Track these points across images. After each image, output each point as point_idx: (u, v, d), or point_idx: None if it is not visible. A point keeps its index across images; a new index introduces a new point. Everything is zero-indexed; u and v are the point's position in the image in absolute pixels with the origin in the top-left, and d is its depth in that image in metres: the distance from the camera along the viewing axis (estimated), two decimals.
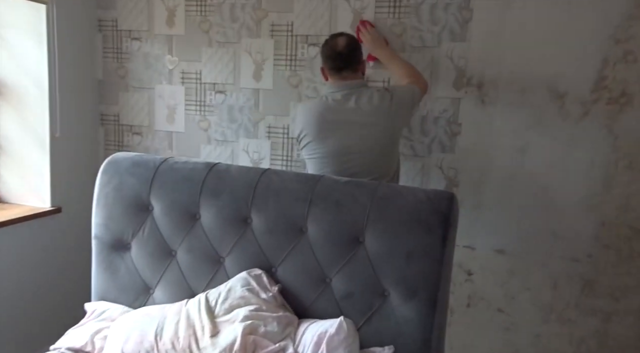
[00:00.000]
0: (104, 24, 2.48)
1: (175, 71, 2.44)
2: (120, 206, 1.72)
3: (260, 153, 2.40)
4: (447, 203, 1.46)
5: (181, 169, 1.71)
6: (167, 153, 2.52)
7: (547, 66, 1.99)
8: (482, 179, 2.13)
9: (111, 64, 2.51)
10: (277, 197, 1.59)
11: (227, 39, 2.35)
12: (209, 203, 1.64)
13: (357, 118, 1.79)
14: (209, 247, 1.65)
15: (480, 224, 2.17)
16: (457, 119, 2.13)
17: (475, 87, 2.08)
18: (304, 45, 2.26)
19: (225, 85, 2.39)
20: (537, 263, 2.11)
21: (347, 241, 1.51)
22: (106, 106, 2.56)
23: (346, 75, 1.84)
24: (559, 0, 1.95)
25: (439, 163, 2.19)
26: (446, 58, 2.11)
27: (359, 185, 1.56)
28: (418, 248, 1.44)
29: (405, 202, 1.48)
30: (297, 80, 2.30)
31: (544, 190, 2.06)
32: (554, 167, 2.03)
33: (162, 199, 1.68)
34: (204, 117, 2.44)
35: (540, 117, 2.02)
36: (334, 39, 1.87)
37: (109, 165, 1.77)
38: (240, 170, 1.68)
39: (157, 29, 2.42)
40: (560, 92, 1.99)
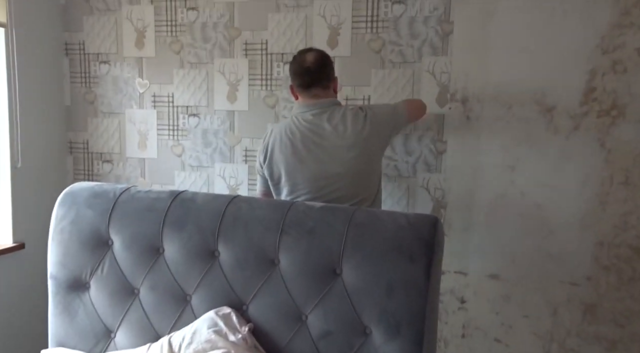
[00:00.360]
0: (71, 48, 2.38)
1: (146, 95, 2.33)
2: (77, 242, 1.58)
3: (237, 178, 2.27)
4: (431, 228, 1.33)
5: (143, 198, 1.58)
6: (139, 181, 2.38)
7: (534, 79, 1.89)
8: (471, 199, 2.01)
9: (79, 89, 2.40)
10: (245, 226, 1.45)
11: (200, 59, 2.24)
12: (172, 235, 1.50)
13: (330, 140, 1.65)
14: (173, 284, 1.50)
15: (472, 248, 2.03)
16: (442, 136, 2.02)
17: (460, 102, 1.98)
18: (279, 63, 2.16)
19: (198, 107, 2.28)
20: (534, 288, 1.97)
21: (323, 273, 1.37)
22: (74, 133, 2.43)
23: (316, 93, 1.70)
24: (543, 10, 1.86)
25: (424, 183, 2.06)
26: (428, 73, 2.01)
27: (334, 211, 1.43)
28: (400, 280, 1.30)
29: (384, 228, 1.35)
30: (273, 100, 2.19)
31: (536, 209, 1.93)
32: (545, 184, 1.91)
33: (122, 232, 1.54)
34: (178, 142, 2.32)
35: (529, 132, 1.91)
36: (302, 55, 1.72)
37: (65, 197, 1.64)
38: (206, 198, 1.55)
39: (127, 51, 2.32)
40: (548, 105, 1.88)
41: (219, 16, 2.19)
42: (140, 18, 2.28)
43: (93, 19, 2.33)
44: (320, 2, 2.08)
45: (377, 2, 2.03)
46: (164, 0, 2.24)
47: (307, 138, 1.66)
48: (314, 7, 2.09)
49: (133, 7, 2.28)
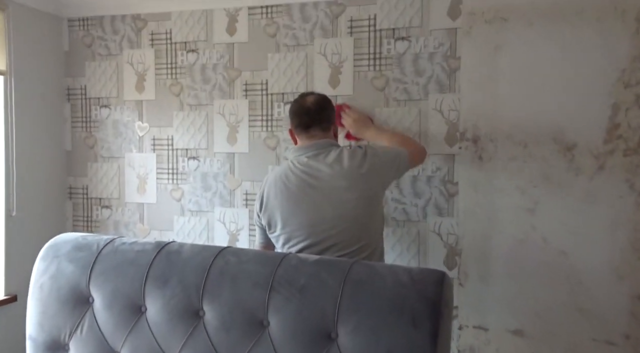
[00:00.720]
0: (73, 93, 2.36)
1: (146, 138, 2.27)
2: (56, 299, 1.46)
3: (238, 223, 2.15)
4: (436, 286, 1.17)
5: (127, 251, 1.47)
6: (137, 227, 2.29)
7: (551, 115, 1.75)
8: (488, 246, 1.84)
9: (80, 134, 2.36)
10: (233, 282, 1.32)
11: (199, 101, 2.18)
12: (155, 292, 1.37)
13: (327, 181, 1.53)
14: (155, 347, 1.36)
15: (492, 299, 1.84)
16: (452, 177, 1.88)
17: (471, 141, 1.84)
18: (279, 103, 2.08)
19: (198, 150, 2.20)
20: (564, 347, 1.76)
21: (317, 338, 1.22)
22: (74, 178, 2.38)
23: (314, 134, 1.60)
24: (556, 42, 1.74)
25: (436, 228, 1.90)
26: (435, 111, 1.89)
27: (329, 265, 1.29)
28: (401, 348, 1.13)
29: (384, 286, 1.20)
30: (274, 141, 2.09)
31: (561, 257, 1.75)
32: (570, 229, 1.73)
33: (102, 289, 1.42)
34: (177, 185, 2.23)
35: (548, 173, 1.75)
36: (303, 97, 1.66)
37: (48, 250, 1.54)
38: (193, 250, 1.43)
39: (127, 94, 2.28)
40: (568, 143, 1.73)
41: (219, 57, 2.14)
42: (141, 61, 2.25)
43: (95, 64, 2.32)
44: (320, 41, 2.01)
45: (379, 39, 1.94)
46: (164, 43, 2.21)
47: (303, 181, 1.55)
48: (314, 46, 2.02)
49: (134, 51, 2.26)
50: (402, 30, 1.92)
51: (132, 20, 2.25)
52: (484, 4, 1.81)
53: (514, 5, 1.78)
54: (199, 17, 2.16)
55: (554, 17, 1.73)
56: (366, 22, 1.96)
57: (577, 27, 1.71)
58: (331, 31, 2.00)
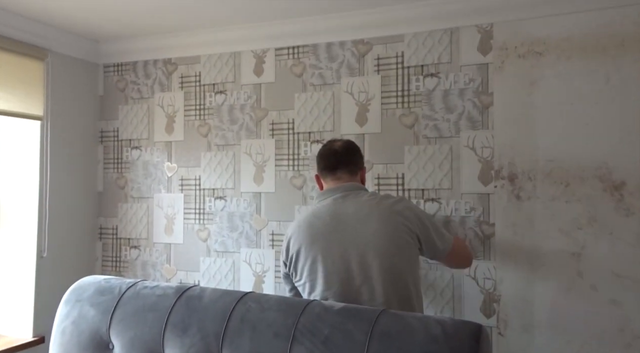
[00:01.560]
0: (106, 135, 2.42)
1: (174, 178, 2.28)
2: (76, 345, 1.43)
3: (264, 264, 2.10)
4: (472, 342, 1.06)
5: (148, 295, 1.43)
6: (164, 268, 2.27)
7: (594, 152, 1.63)
8: (529, 292, 1.70)
9: (111, 175, 2.40)
10: (253, 331, 1.25)
11: (227, 141, 2.18)
12: (174, 340, 1.32)
13: (355, 221, 1.43)
14: None
15: (535, 351, 1.69)
16: (488, 218, 1.77)
17: (507, 180, 1.74)
18: (306, 143, 2.05)
19: (225, 190, 2.18)
20: None
21: None
22: (105, 219, 2.40)
23: (341, 176, 1.53)
24: (593, 76, 1.65)
25: (472, 273, 1.79)
26: (467, 148, 1.81)
27: (354, 314, 1.20)
28: None
29: (413, 340, 1.10)
30: (301, 181, 2.05)
31: (613, 307, 1.59)
32: (622, 276, 1.58)
33: (122, 335, 1.38)
34: (204, 225, 2.21)
35: (594, 214, 1.62)
36: (331, 142, 1.62)
37: (71, 294, 1.52)
38: (214, 295, 1.37)
39: (157, 136, 2.31)
40: (615, 182, 1.61)
41: (246, 98, 2.15)
42: (171, 104, 2.29)
43: (127, 107, 2.37)
44: (347, 80, 1.99)
45: (407, 76, 1.90)
46: (193, 86, 2.25)
47: (328, 225, 1.46)
48: (341, 85, 2.00)
49: (164, 93, 2.30)
50: (431, 67, 1.88)
51: (163, 65, 2.31)
52: (516, 38, 1.75)
53: (549, 39, 1.71)
54: (227, 59, 2.19)
55: (593, 51, 1.65)
56: (394, 60, 1.93)
57: (617, 60, 1.62)
58: (358, 69, 1.98)
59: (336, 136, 1.98)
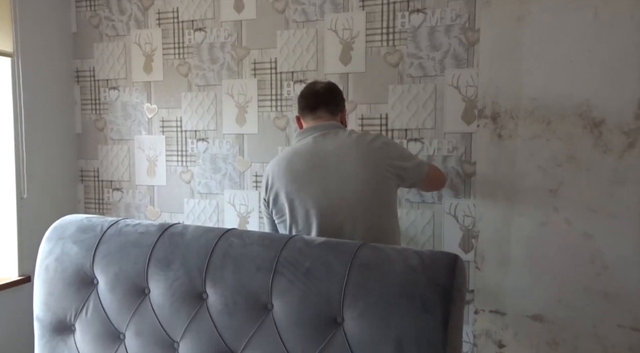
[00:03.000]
0: (82, 75, 2.33)
1: (155, 120, 2.23)
2: (61, 280, 1.44)
3: (248, 206, 2.11)
4: (448, 271, 1.10)
5: (130, 233, 1.43)
6: (148, 210, 2.27)
7: (577, 90, 1.63)
8: (506, 228, 1.75)
9: (89, 116, 2.34)
10: (236, 265, 1.27)
11: (207, 81, 2.13)
12: (158, 274, 1.34)
13: (334, 160, 1.45)
14: (159, 330, 1.33)
15: (510, 284, 1.76)
16: (470, 157, 1.79)
17: (490, 119, 1.74)
18: (289, 83, 2.01)
19: (207, 131, 2.15)
20: (587, 332, 1.67)
21: (322, 322, 1.17)
22: (85, 161, 2.37)
23: (321, 115, 1.53)
24: (582, 12, 1.62)
25: (452, 210, 1.82)
26: (452, 87, 1.79)
27: (334, 248, 1.23)
28: (411, 334, 1.07)
29: (392, 270, 1.13)
30: (284, 122, 2.03)
31: (585, 240, 1.65)
32: (595, 211, 1.63)
33: (106, 271, 1.40)
34: (186, 168, 2.20)
35: (573, 151, 1.64)
36: (312, 83, 1.62)
37: (53, 232, 1.52)
38: (196, 232, 1.38)
39: (135, 76, 2.24)
40: (596, 119, 1.62)
41: (227, 36, 2.08)
42: (148, 42, 2.20)
43: (102, 45, 2.28)
44: (331, 16, 1.93)
45: (392, 12, 1.85)
46: (171, 23, 2.16)
47: (308, 162, 1.47)
48: (324, 22, 1.94)
49: (141, 31, 2.21)
50: (417, 2, 1.82)
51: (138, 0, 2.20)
52: None
53: None
54: None
55: None
56: None
57: None
58: (342, 5, 1.91)
59: (320, 76, 1.94)
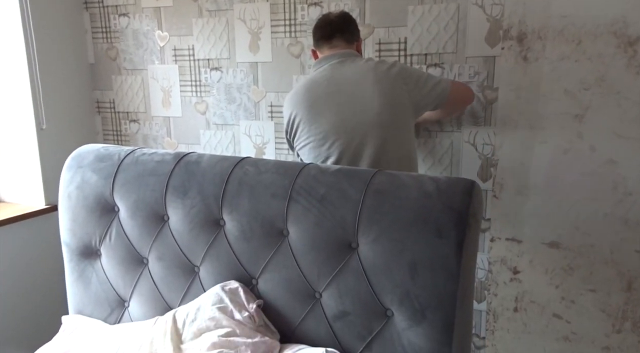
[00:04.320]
0: (90, 1, 2.25)
1: (167, 48, 2.17)
2: (83, 207, 1.49)
3: (264, 136, 2.10)
4: (464, 196, 1.08)
5: (147, 161, 1.45)
6: (165, 141, 2.28)
7: (612, 5, 1.51)
8: (526, 156, 1.70)
9: (101, 45, 2.29)
10: (251, 193, 1.28)
11: (218, 6, 2.03)
12: (176, 202, 1.37)
13: (353, 83, 1.43)
14: (180, 255, 1.38)
15: (527, 211, 1.75)
16: (492, 83, 1.71)
17: (515, 40, 1.64)
18: (303, 6, 1.91)
19: (220, 60, 2.09)
20: (603, 258, 1.67)
21: (337, 247, 1.19)
22: (101, 92, 2.35)
23: (337, 44, 1.53)
24: None
25: (471, 139, 1.78)
26: (475, 6, 1.67)
27: (349, 174, 1.22)
28: (425, 258, 1.08)
29: (407, 196, 1.13)
30: (298, 48, 1.95)
31: (609, 166, 1.60)
32: (623, 136, 1.56)
33: (125, 199, 1.43)
34: (201, 98, 2.17)
35: (604, 73, 1.55)
36: (326, 14, 1.60)
37: (72, 161, 1.55)
38: (212, 160, 1.39)
39: (144, 1, 2.15)
40: (631, 37, 1.50)
41: None
42: None
43: None
44: None
45: None
46: None
47: (326, 88, 1.45)
48: None
49: None
50: None
51: None
52: None
53: None
54: None
55: None
56: None
57: None
58: None
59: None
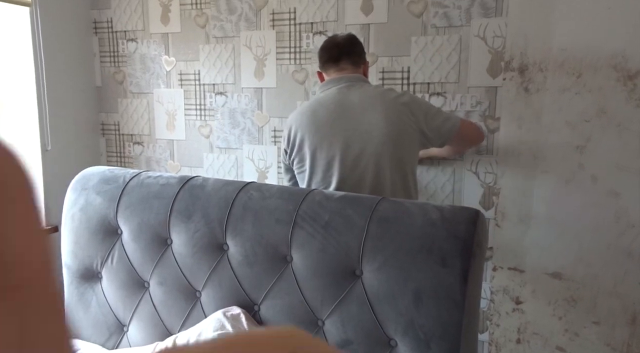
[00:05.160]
0: (100, 26, 2.30)
1: (173, 73, 2.21)
2: (86, 229, 1.49)
3: (267, 160, 2.11)
4: (469, 225, 1.09)
5: (152, 184, 1.45)
6: (168, 164, 2.29)
7: (612, 39, 1.54)
8: (528, 186, 1.71)
9: (108, 69, 2.33)
10: (255, 218, 1.28)
11: (225, 33, 2.08)
12: (179, 226, 1.37)
13: (360, 109, 1.42)
14: (182, 279, 1.37)
15: (530, 242, 1.75)
16: (494, 112, 1.73)
17: (517, 71, 1.67)
18: (308, 34, 1.95)
19: (225, 85, 2.12)
20: (607, 291, 1.66)
21: (341, 274, 1.18)
22: (106, 114, 2.38)
23: (345, 67, 1.50)
24: None
25: (473, 167, 1.79)
26: (478, 38, 1.71)
27: (354, 201, 1.22)
28: (430, 287, 1.08)
29: (412, 224, 1.13)
30: (303, 75, 1.99)
31: (611, 198, 1.61)
32: (624, 168, 1.58)
33: (130, 221, 1.43)
34: (205, 122, 2.19)
35: (604, 105, 1.57)
36: (333, 36, 1.60)
37: (77, 183, 1.55)
38: (216, 184, 1.39)
39: (153, 27, 2.20)
40: (631, 71, 1.53)
41: None
42: None
43: None
44: None
45: None
46: None
47: (332, 113, 1.45)
48: None
49: None
50: None
51: None
52: None
53: None
54: None
55: None
56: None
57: None
58: None
59: (340, 27, 1.88)
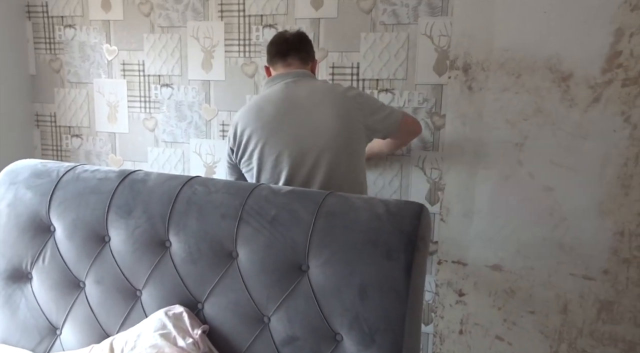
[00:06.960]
0: (33, 10, 2.16)
1: (115, 62, 2.11)
2: (15, 227, 1.39)
3: (215, 155, 2.06)
4: (413, 219, 1.10)
5: (89, 178, 1.38)
6: (110, 158, 2.19)
7: (548, 42, 1.62)
8: (471, 181, 1.77)
9: (44, 56, 2.19)
10: (200, 213, 1.24)
11: (171, 22, 2.01)
12: (118, 222, 1.30)
13: (308, 103, 1.41)
14: (121, 278, 1.31)
15: (472, 235, 1.81)
16: (440, 110, 1.77)
17: (461, 70, 1.72)
18: (258, 27, 1.92)
19: (171, 77, 2.05)
20: (542, 281, 1.75)
21: (287, 270, 1.17)
22: (41, 105, 2.23)
23: (292, 63, 1.49)
24: None
25: (419, 163, 1.83)
26: (425, 37, 1.75)
27: (301, 196, 1.21)
28: (375, 280, 1.09)
29: (358, 218, 1.13)
30: (252, 68, 1.95)
31: (546, 193, 1.69)
32: (558, 164, 1.66)
33: (63, 218, 1.35)
34: (150, 114, 2.11)
35: (541, 105, 1.65)
36: (282, 32, 1.59)
37: (5, 177, 1.45)
38: (159, 179, 1.34)
39: (93, 14, 2.09)
40: (564, 73, 1.62)
41: None
42: None
43: None
44: None
45: None
46: None
47: (279, 108, 1.43)
48: None
49: None
50: None
51: None
52: None
53: None
54: None
55: None
56: None
57: None
58: None
59: (290, 20, 1.86)
